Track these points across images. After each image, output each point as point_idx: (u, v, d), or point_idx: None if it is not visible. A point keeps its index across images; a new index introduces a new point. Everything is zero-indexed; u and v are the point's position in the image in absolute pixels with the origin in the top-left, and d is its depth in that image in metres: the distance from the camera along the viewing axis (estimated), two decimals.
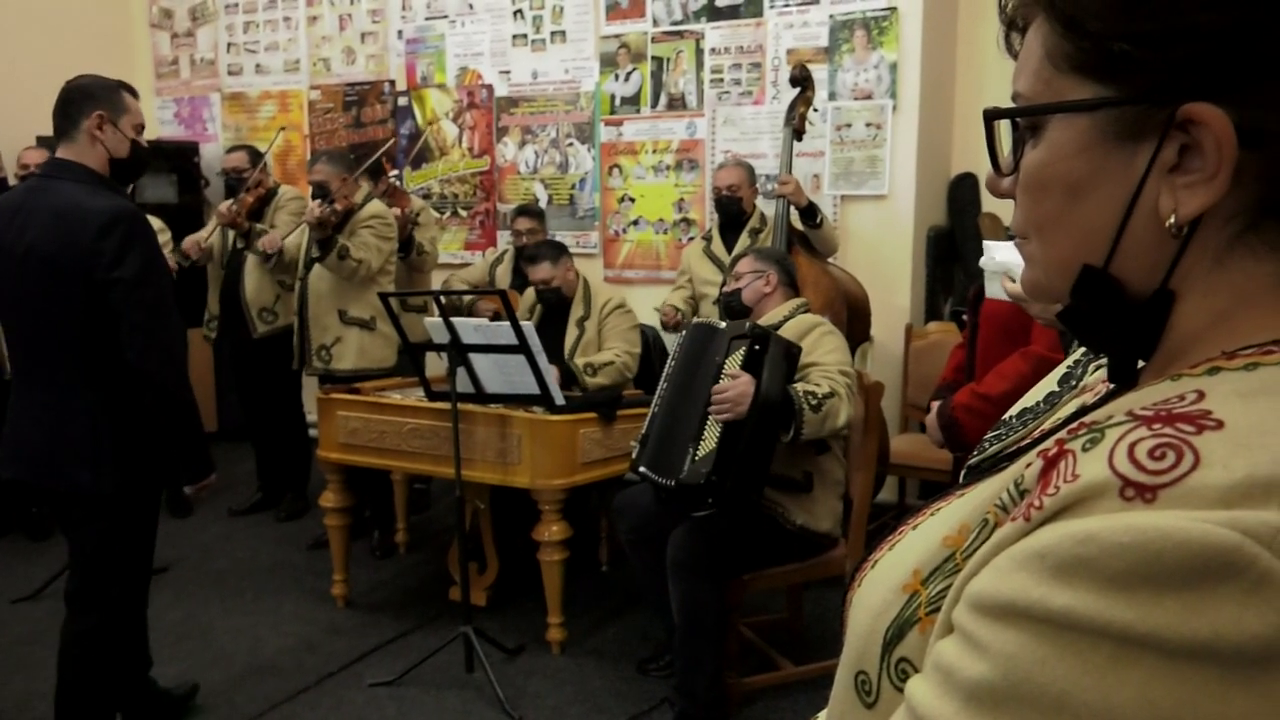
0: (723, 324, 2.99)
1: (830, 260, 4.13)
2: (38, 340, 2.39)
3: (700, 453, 2.78)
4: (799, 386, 2.74)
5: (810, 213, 3.99)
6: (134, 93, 2.54)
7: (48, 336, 2.37)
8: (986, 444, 0.75)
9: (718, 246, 4.15)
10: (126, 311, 2.32)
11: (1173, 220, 0.54)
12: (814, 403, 2.70)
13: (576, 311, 3.95)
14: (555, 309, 3.95)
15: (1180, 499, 0.46)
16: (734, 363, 2.79)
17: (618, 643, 3.46)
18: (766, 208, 4.19)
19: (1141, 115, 0.53)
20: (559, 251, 3.97)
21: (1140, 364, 0.61)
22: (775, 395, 2.71)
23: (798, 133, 4.11)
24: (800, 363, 2.84)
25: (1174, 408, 0.51)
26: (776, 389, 2.72)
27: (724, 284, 3.28)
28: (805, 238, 4.06)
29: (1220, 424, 0.48)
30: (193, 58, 6.29)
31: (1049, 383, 0.76)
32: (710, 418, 2.78)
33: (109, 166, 2.43)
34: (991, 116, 0.62)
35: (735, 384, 2.72)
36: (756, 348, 2.75)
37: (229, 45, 6.16)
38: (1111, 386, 0.65)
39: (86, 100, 2.39)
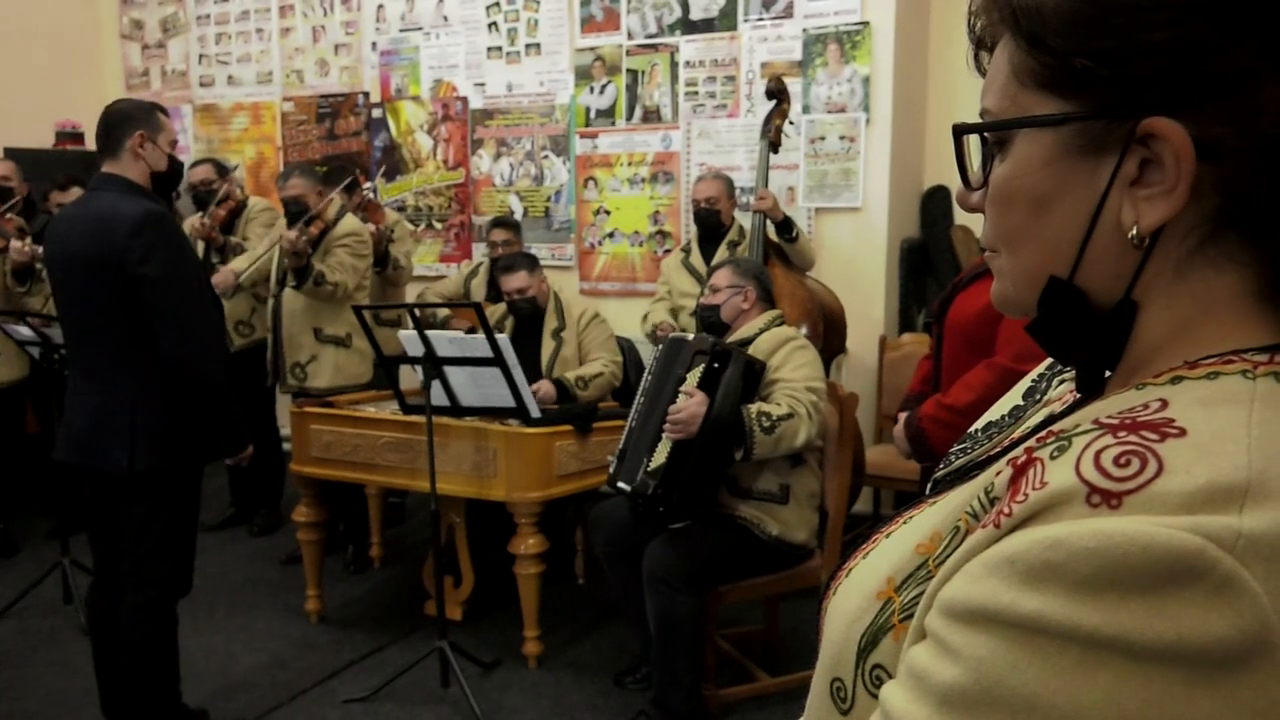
0: (692, 336, 3.00)
1: (806, 273, 4.16)
2: (86, 335, 2.66)
3: (652, 464, 2.83)
4: (754, 408, 2.76)
5: (786, 227, 4.02)
6: (165, 112, 2.80)
7: (94, 331, 2.63)
8: (952, 457, 0.76)
9: (696, 259, 4.17)
10: (156, 305, 2.56)
11: (1134, 232, 0.55)
12: (766, 425, 2.73)
13: (550, 323, 3.95)
14: (529, 320, 3.94)
15: (1145, 505, 0.47)
16: (693, 378, 2.82)
17: (595, 656, 3.45)
18: (745, 220, 4.21)
19: (1103, 130, 0.55)
20: (533, 262, 3.98)
21: (1107, 374, 0.63)
22: (727, 416, 2.74)
23: (774, 145, 4.14)
24: (768, 377, 2.86)
25: (1138, 416, 0.52)
26: (729, 409, 2.74)
27: (702, 295, 3.29)
28: (781, 250, 4.08)
29: (1183, 431, 0.50)
30: (164, 69, 6.25)
31: (1014, 397, 0.77)
32: (665, 432, 2.81)
33: (150, 180, 2.69)
34: (960, 131, 0.63)
35: (687, 405, 2.75)
36: (715, 365, 2.78)
37: (201, 57, 6.13)
38: (1079, 396, 0.66)
39: (128, 122, 2.64)
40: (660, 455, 2.82)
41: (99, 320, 2.61)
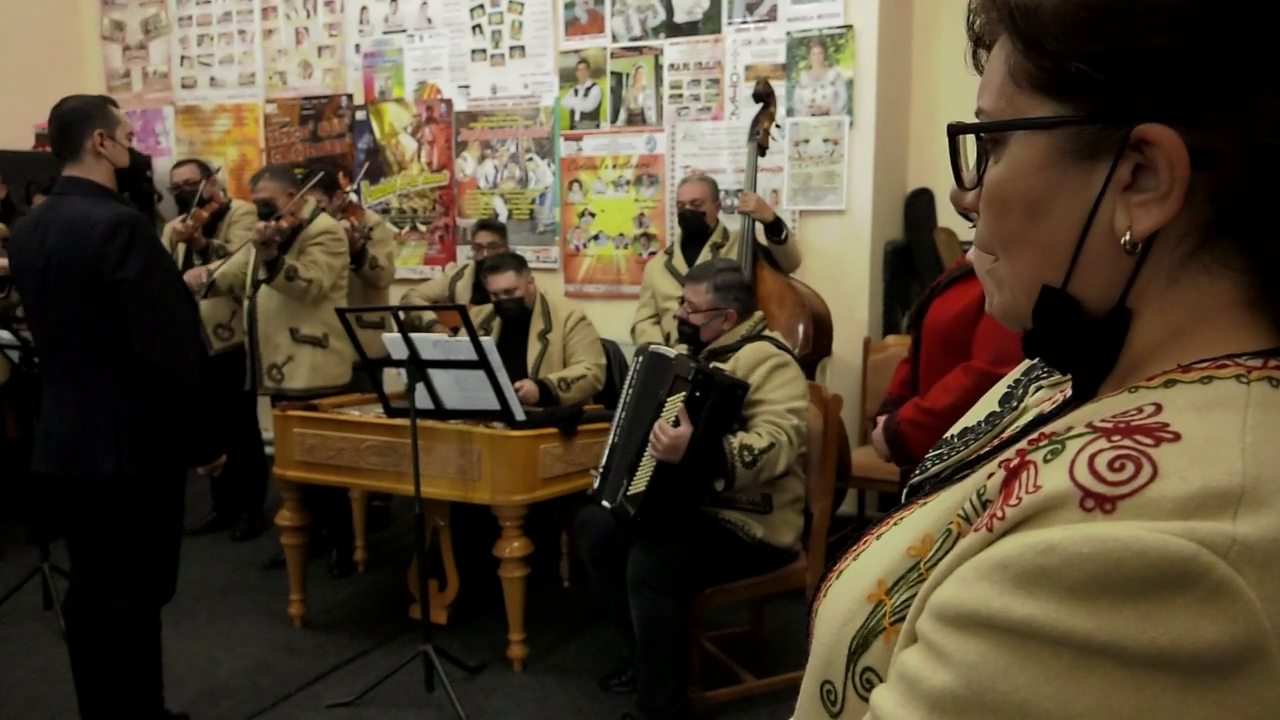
0: (673, 353, 2.94)
1: (792, 275, 4.16)
2: (63, 342, 2.62)
3: (632, 489, 2.81)
4: (736, 441, 2.74)
5: (776, 228, 4.02)
6: (116, 104, 2.75)
7: (72, 338, 2.60)
8: (929, 463, 0.75)
9: (679, 261, 4.16)
10: (132, 309, 2.54)
11: (1127, 238, 0.55)
12: (748, 459, 2.72)
13: (537, 325, 3.93)
14: (515, 322, 3.93)
15: (1139, 510, 0.47)
16: (675, 403, 2.76)
17: (580, 659, 3.44)
18: (730, 223, 4.22)
19: (1098, 134, 0.55)
20: (521, 263, 3.97)
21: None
22: (710, 448, 2.72)
23: (761, 148, 4.15)
24: (749, 397, 2.84)
25: (1132, 420, 0.52)
26: (712, 441, 2.72)
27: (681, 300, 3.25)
28: (769, 253, 4.09)
29: (1177, 436, 0.50)
30: (145, 70, 6.21)
31: (989, 403, 0.77)
32: (646, 455, 2.79)
33: (114, 176, 2.66)
34: (955, 131, 0.63)
35: (672, 437, 2.71)
36: (698, 394, 2.72)
37: (182, 58, 6.09)
38: (1067, 395, 0.66)
39: (84, 121, 2.60)
40: (640, 482, 2.80)
41: (76, 327, 2.58)
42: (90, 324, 2.57)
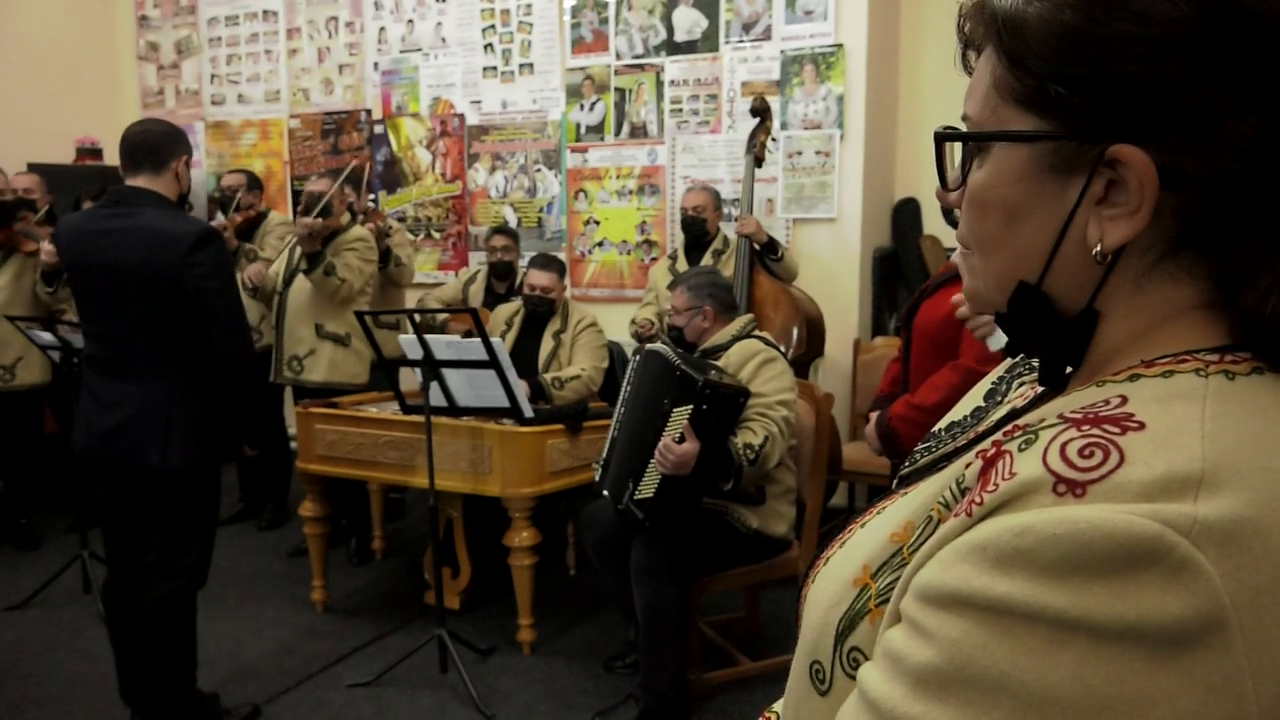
0: (676, 358, 2.85)
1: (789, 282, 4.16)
2: (125, 340, 2.64)
3: (639, 494, 2.78)
4: (739, 442, 2.72)
5: (772, 247, 4.03)
6: None
7: (136, 336, 2.63)
8: (918, 455, 0.76)
9: (682, 266, 4.16)
10: (219, 313, 2.62)
11: (1098, 249, 0.55)
12: (751, 457, 2.71)
13: (554, 325, 3.93)
14: (539, 319, 3.92)
15: (1107, 493, 0.47)
16: (681, 416, 2.71)
17: (585, 642, 3.44)
18: (730, 230, 4.22)
19: (1074, 151, 0.55)
20: (563, 270, 4.00)
21: (1070, 370, 0.63)
22: (718, 456, 2.70)
23: (758, 160, 4.15)
24: None
25: (1100, 411, 0.52)
26: (720, 448, 2.71)
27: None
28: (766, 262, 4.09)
29: (1142, 425, 0.50)
30: (178, 88, 6.22)
31: (974, 398, 0.78)
32: (652, 465, 2.75)
33: (177, 199, 2.76)
34: (941, 139, 0.63)
35: (680, 453, 2.65)
36: (704, 407, 2.68)
37: (212, 76, 6.10)
38: (1041, 390, 0.66)
39: (176, 145, 2.72)
40: (648, 488, 2.76)
41: (141, 327, 2.60)
42: (157, 326, 2.60)
